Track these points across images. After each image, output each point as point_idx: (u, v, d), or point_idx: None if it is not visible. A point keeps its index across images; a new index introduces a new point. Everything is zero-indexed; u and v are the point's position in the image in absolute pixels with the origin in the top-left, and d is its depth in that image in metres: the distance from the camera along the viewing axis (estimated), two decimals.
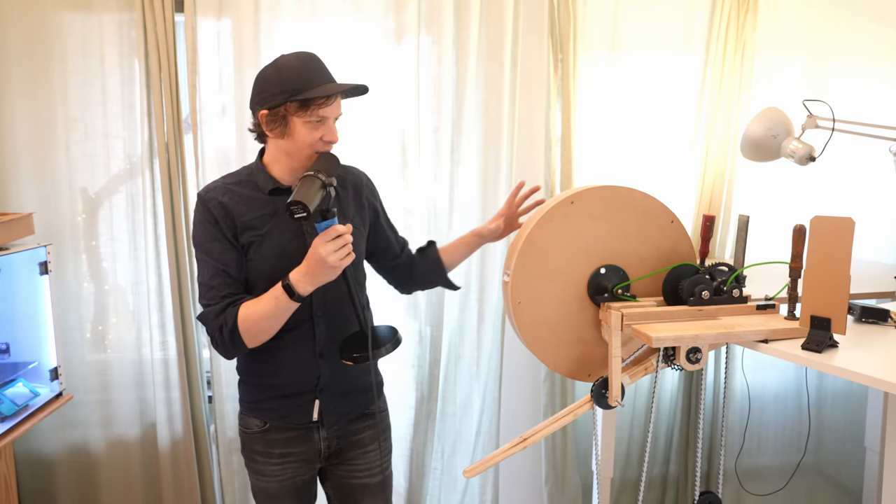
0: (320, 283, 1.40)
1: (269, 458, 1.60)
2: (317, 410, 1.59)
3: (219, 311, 1.45)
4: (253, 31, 2.24)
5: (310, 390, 1.58)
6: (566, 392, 2.55)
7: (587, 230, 1.65)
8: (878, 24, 2.58)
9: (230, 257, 1.49)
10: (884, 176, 2.58)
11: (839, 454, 2.79)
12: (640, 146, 2.52)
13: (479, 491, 2.54)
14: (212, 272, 1.48)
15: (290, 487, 1.62)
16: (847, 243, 1.42)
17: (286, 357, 1.56)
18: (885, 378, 1.31)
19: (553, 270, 1.64)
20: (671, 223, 1.70)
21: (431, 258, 1.82)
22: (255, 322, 1.42)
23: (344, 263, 1.38)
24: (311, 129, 1.45)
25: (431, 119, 2.36)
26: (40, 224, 2.24)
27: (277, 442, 1.60)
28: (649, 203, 1.68)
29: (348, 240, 1.38)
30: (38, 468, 2.41)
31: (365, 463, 1.67)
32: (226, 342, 1.45)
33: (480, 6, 2.32)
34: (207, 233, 1.49)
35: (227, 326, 1.43)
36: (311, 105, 1.43)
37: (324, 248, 1.35)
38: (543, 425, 1.63)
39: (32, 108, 2.23)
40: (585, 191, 1.64)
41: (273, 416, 1.60)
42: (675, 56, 2.50)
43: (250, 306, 1.43)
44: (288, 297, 1.39)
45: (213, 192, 1.53)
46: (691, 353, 1.53)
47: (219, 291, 1.47)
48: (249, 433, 1.62)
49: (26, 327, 2.14)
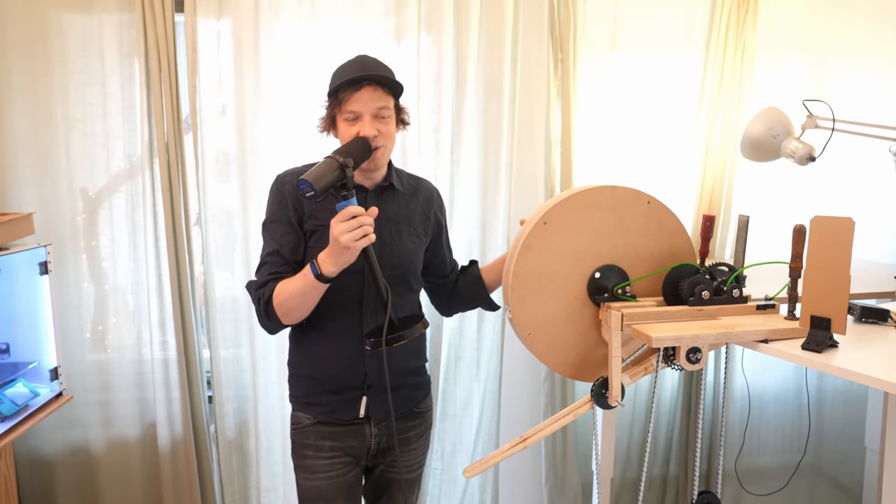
0: (341, 263, 1.40)
1: (320, 452, 1.61)
2: (364, 407, 1.60)
3: (261, 283, 1.53)
4: (253, 31, 2.24)
5: (357, 386, 1.59)
6: (566, 392, 2.55)
7: (569, 242, 1.64)
8: (877, 23, 2.58)
9: (287, 240, 1.55)
10: (884, 176, 2.58)
11: (839, 454, 2.79)
12: (640, 146, 2.52)
13: (479, 491, 2.54)
14: (269, 249, 1.56)
15: (340, 485, 1.62)
16: (847, 243, 1.42)
17: (334, 351, 1.59)
18: (885, 378, 1.31)
19: (549, 292, 1.64)
20: (648, 204, 1.68)
21: (473, 276, 1.80)
22: (286, 298, 1.47)
23: (358, 245, 1.37)
24: (349, 125, 1.51)
25: (431, 119, 2.36)
26: (40, 224, 2.24)
27: (328, 435, 1.61)
28: (619, 193, 1.66)
29: (364, 221, 1.37)
30: (38, 468, 2.41)
31: (408, 460, 1.70)
32: (262, 314, 1.52)
33: (480, 6, 2.32)
34: (274, 213, 1.57)
35: (263, 298, 1.50)
36: (341, 100, 1.50)
37: (336, 227, 1.37)
38: (543, 425, 1.63)
39: (32, 108, 2.23)
40: (555, 206, 1.62)
41: (321, 412, 1.61)
42: (675, 56, 2.50)
43: (285, 283, 1.48)
44: (314, 276, 1.41)
45: (290, 177, 1.59)
46: (691, 353, 1.53)
47: (268, 268, 1.54)
48: (300, 428, 1.63)
49: (26, 327, 2.14)
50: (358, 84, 1.48)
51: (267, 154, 2.29)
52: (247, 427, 2.42)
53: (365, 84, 1.48)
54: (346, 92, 1.49)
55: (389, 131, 1.54)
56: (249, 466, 2.44)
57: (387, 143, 1.54)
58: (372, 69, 1.51)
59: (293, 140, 2.29)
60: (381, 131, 1.51)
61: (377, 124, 1.50)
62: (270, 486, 2.46)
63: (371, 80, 1.49)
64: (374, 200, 1.58)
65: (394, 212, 1.62)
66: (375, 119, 1.50)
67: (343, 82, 1.49)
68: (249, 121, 2.28)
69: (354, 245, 1.37)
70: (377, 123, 1.50)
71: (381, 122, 1.51)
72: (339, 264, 1.40)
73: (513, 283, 1.62)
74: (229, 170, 2.30)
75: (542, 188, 2.45)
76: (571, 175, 2.44)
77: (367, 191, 1.59)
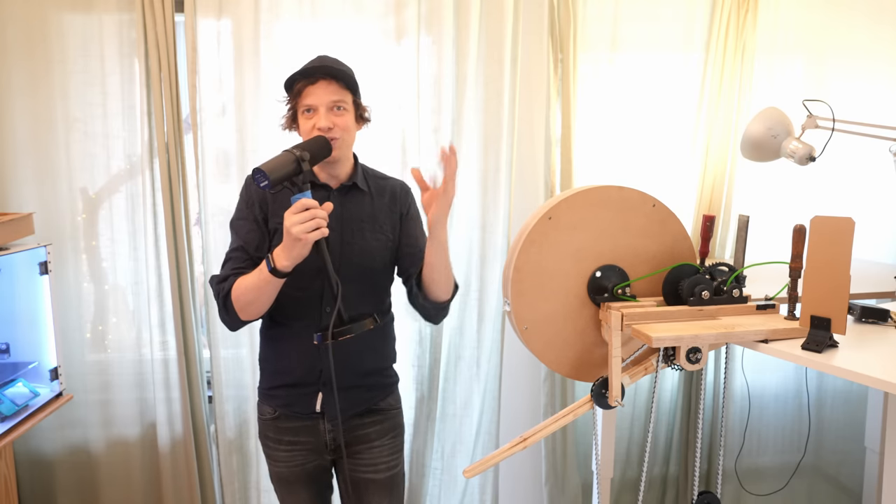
0: (294, 257, 1.41)
1: (279, 445, 1.68)
2: (319, 402, 1.63)
3: (222, 278, 1.56)
4: (253, 31, 2.24)
5: (313, 382, 1.63)
6: (566, 392, 2.55)
7: (572, 240, 1.64)
8: (877, 23, 2.58)
9: (252, 237, 1.58)
10: (884, 176, 2.58)
11: (839, 454, 2.79)
12: (640, 146, 2.52)
13: (479, 491, 2.54)
14: (234, 245, 1.60)
15: (300, 473, 1.69)
16: (847, 243, 1.42)
17: (293, 346, 1.63)
18: (885, 378, 1.31)
19: (550, 289, 1.65)
20: (653, 207, 1.68)
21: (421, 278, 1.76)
22: (242, 292, 1.49)
23: (310, 237, 1.38)
24: (306, 119, 1.55)
25: (431, 119, 2.36)
26: (40, 224, 2.24)
27: (286, 430, 1.67)
28: (626, 194, 1.67)
29: (317, 214, 1.39)
30: (38, 468, 2.41)
31: (370, 458, 1.70)
32: (221, 307, 1.55)
33: (480, 6, 2.32)
34: (241, 210, 1.62)
35: (222, 293, 1.53)
36: (298, 94, 1.54)
37: (289, 219, 1.39)
38: (543, 425, 1.63)
39: (32, 108, 2.23)
40: (561, 202, 1.63)
41: (280, 404, 1.67)
42: (675, 56, 2.50)
43: (244, 278, 1.51)
44: (268, 270, 1.43)
45: None
46: (691, 353, 1.53)
47: (232, 264, 1.57)
48: (263, 419, 1.71)
49: (26, 327, 2.14)
50: (312, 77, 1.53)
51: (267, 154, 2.28)
52: (247, 427, 2.42)
53: (319, 77, 1.53)
54: (301, 84, 1.54)
55: (346, 124, 1.56)
56: (249, 466, 2.44)
57: (343, 135, 1.56)
58: (328, 64, 1.55)
59: (293, 140, 2.28)
60: (337, 124, 1.53)
61: (332, 117, 1.53)
62: (270, 486, 2.43)
63: (325, 74, 1.53)
64: (337, 199, 1.60)
65: (357, 210, 1.63)
66: (330, 112, 1.53)
67: (297, 74, 1.54)
68: (249, 121, 2.28)
69: (306, 237, 1.38)
70: (332, 116, 1.53)
71: (337, 114, 1.54)
72: (292, 258, 1.41)
73: (513, 276, 1.61)
74: (229, 170, 2.30)
75: (542, 188, 2.45)
76: (571, 175, 2.44)
77: (331, 189, 1.61)
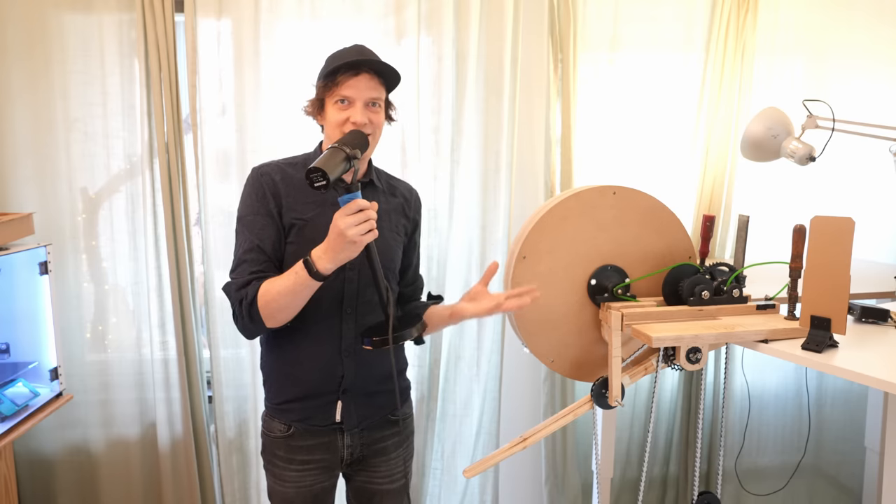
0: (340, 259, 1.34)
1: (290, 465, 1.56)
2: (339, 412, 1.55)
3: (242, 283, 1.43)
4: (253, 31, 2.24)
5: (332, 390, 1.54)
6: (566, 392, 2.55)
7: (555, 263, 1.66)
8: (878, 23, 2.58)
9: (268, 233, 1.47)
10: (884, 176, 2.58)
11: (839, 454, 2.79)
12: (640, 146, 2.52)
13: (479, 491, 2.54)
14: (247, 246, 1.47)
15: (306, 494, 1.57)
16: (847, 243, 1.42)
17: (310, 354, 1.52)
18: (885, 378, 1.31)
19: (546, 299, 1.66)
20: (614, 195, 1.67)
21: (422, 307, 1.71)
22: (273, 297, 1.38)
23: (364, 239, 1.31)
24: (339, 109, 1.45)
25: (431, 119, 2.36)
26: (40, 224, 2.24)
27: (300, 449, 1.56)
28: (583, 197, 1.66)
29: (371, 215, 1.32)
30: (38, 468, 2.40)
31: (387, 470, 1.63)
32: (244, 316, 1.42)
33: (480, 6, 2.32)
34: (252, 206, 1.49)
35: (246, 300, 1.41)
36: (337, 83, 1.44)
37: (343, 220, 1.30)
38: (543, 425, 1.63)
39: (32, 108, 2.23)
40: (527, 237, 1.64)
41: (295, 419, 1.55)
42: (675, 56, 2.50)
43: (272, 282, 1.40)
44: (307, 273, 1.34)
45: (268, 168, 1.53)
46: (691, 353, 1.53)
47: (249, 266, 1.45)
48: (272, 437, 1.58)
49: (26, 327, 2.14)
50: (357, 69, 1.45)
51: (267, 154, 2.28)
52: (247, 427, 2.42)
53: (364, 70, 1.45)
54: (344, 76, 1.45)
55: (379, 122, 1.51)
56: (249, 466, 2.44)
57: (375, 132, 1.50)
58: (374, 58, 1.49)
59: (293, 140, 2.29)
60: (373, 120, 1.47)
61: (368, 113, 1.47)
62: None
63: (371, 68, 1.47)
64: None
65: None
66: (367, 108, 1.47)
67: (343, 65, 1.44)
68: (249, 121, 2.28)
69: (361, 240, 1.30)
70: (368, 112, 1.47)
71: (372, 111, 1.48)
72: (338, 260, 1.34)
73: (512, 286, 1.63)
74: (229, 170, 2.30)
75: (542, 188, 2.45)
76: (571, 175, 2.44)
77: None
